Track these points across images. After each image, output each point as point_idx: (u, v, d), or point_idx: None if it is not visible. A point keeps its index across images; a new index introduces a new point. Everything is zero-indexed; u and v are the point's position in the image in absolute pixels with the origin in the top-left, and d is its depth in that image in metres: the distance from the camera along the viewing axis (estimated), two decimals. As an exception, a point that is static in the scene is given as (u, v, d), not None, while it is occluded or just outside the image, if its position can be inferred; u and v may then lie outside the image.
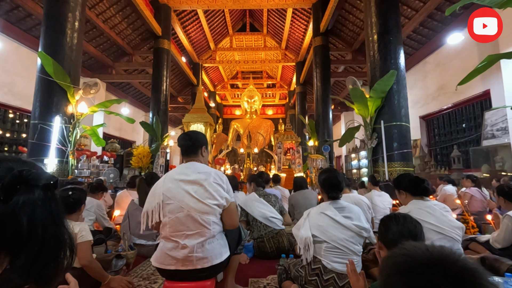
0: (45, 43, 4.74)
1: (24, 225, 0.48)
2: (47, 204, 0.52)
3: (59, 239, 0.53)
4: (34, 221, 0.49)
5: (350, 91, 5.33)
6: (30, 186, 0.50)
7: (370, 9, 5.22)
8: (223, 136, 14.17)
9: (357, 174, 10.43)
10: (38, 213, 0.50)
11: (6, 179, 0.49)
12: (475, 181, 4.20)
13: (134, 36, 9.98)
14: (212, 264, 1.51)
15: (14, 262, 0.49)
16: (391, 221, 1.21)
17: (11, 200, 0.48)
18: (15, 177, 0.49)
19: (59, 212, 0.55)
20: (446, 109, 7.82)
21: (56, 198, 0.55)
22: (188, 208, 1.51)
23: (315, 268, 1.72)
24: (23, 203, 0.49)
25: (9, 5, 6.54)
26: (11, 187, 0.49)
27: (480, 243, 2.49)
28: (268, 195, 3.07)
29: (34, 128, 4.59)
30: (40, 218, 0.50)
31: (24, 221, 0.48)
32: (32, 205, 0.50)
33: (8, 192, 0.48)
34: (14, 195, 0.49)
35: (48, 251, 0.51)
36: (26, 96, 6.86)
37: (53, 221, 0.53)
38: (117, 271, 2.19)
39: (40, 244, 0.50)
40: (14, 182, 0.49)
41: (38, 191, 0.51)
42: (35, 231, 0.49)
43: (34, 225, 0.49)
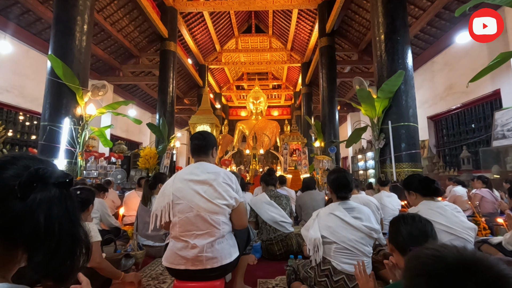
0: (54, 46, 4.82)
1: (41, 223, 0.49)
2: (63, 202, 0.53)
3: (75, 237, 0.54)
4: (51, 218, 0.50)
5: (357, 92, 5.29)
6: (47, 184, 0.51)
7: (377, 8, 5.18)
8: (229, 138, 14.21)
9: (364, 175, 10.35)
10: (54, 211, 0.51)
11: (23, 177, 0.49)
12: (486, 182, 4.12)
13: (141, 39, 10.08)
14: (221, 264, 1.51)
15: (32, 259, 0.50)
16: (399, 223, 1.18)
17: (28, 198, 0.49)
18: (32, 175, 0.50)
19: (75, 209, 0.55)
20: (455, 109, 7.70)
21: (71, 196, 0.55)
22: (197, 208, 1.52)
23: (325, 269, 1.71)
24: (40, 201, 0.49)
25: (20, 10, 6.67)
26: (28, 185, 0.49)
27: (492, 245, 2.43)
28: (279, 196, 2.96)
29: (43, 129, 4.66)
30: (56, 216, 0.51)
31: (41, 219, 0.49)
32: (49, 203, 0.50)
33: (25, 190, 0.49)
34: (31, 193, 0.49)
35: (64, 248, 0.51)
36: (36, 98, 6.98)
37: (69, 219, 0.53)
38: (126, 271, 2.20)
39: (57, 241, 0.50)
40: (31, 180, 0.50)
41: (54, 189, 0.52)
42: (52, 229, 0.50)
43: (51, 222, 0.50)
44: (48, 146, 4.61)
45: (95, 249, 1.79)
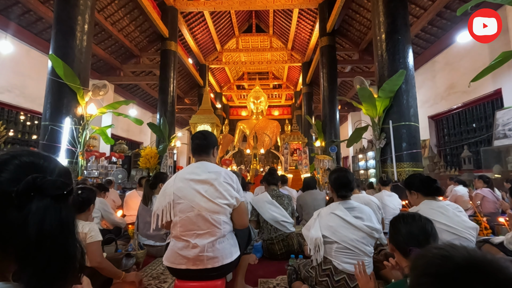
0: (55, 46, 4.83)
1: (33, 236, 0.46)
2: (58, 214, 0.49)
3: (68, 254, 0.51)
4: (43, 232, 0.47)
5: (358, 91, 5.28)
6: (43, 195, 0.48)
7: (378, 8, 5.17)
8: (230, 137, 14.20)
9: (365, 175, 10.32)
10: (47, 224, 0.48)
11: (19, 186, 0.47)
12: (487, 182, 4.12)
13: (142, 38, 10.09)
14: (222, 264, 1.51)
15: (21, 275, 0.47)
16: (399, 222, 1.18)
17: (24, 208, 0.46)
18: (29, 184, 0.47)
19: (70, 223, 0.52)
20: (456, 108, 7.69)
21: (69, 206, 0.52)
22: (198, 208, 1.51)
23: (326, 268, 1.71)
24: (35, 212, 0.47)
25: (21, 10, 6.67)
26: (25, 194, 0.47)
27: (494, 244, 2.42)
28: (281, 196, 2.96)
29: (44, 129, 4.67)
30: (49, 230, 0.48)
31: (33, 231, 0.46)
32: (43, 215, 0.47)
33: (22, 199, 0.47)
34: (27, 203, 0.47)
35: (55, 267, 0.48)
36: (37, 98, 6.99)
37: (64, 234, 0.50)
38: (127, 270, 2.20)
39: (48, 258, 0.47)
40: (28, 189, 0.47)
41: (51, 201, 0.49)
42: (44, 244, 0.47)
43: (43, 236, 0.47)
44: (49, 146, 4.62)
45: (95, 248, 1.78)
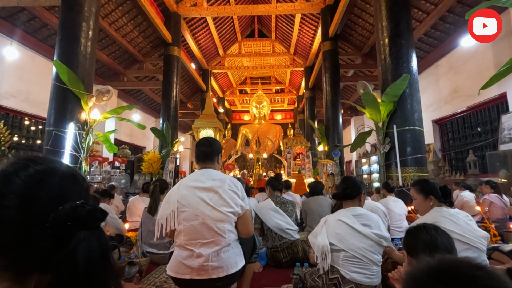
0: (60, 52, 4.86)
1: (81, 266, 0.44)
2: (97, 242, 0.47)
3: (107, 282, 0.48)
4: (89, 262, 0.45)
5: (362, 96, 5.26)
6: (81, 225, 0.46)
7: (381, 12, 5.16)
8: (232, 142, 14.20)
9: (368, 180, 10.26)
10: (92, 253, 0.46)
11: (58, 216, 0.44)
12: (495, 187, 4.05)
13: (145, 44, 10.17)
14: (227, 274, 1.48)
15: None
16: (421, 232, 1.13)
17: (59, 237, 0.44)
18: (68, 215, 0.45)
19: (108, 249, 0.49)
20: (460, 112, 7.63)
21: (103, 233, 0.50)
22: (203, 216, 1.49)
23: (333, 278, 1.66)
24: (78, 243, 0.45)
25: (27, 16, 6.76)
26: (62, 224, 0.45)
27: (504, 252, 2.38)
28: (285, 202, 2.90)
29: (49, 134, 4.68)
30: (94, 259, 0.46)
31: (81, 262, 0.44)
32: (87, 246, 0.45)
33: (57, 228, 0.44)
34: (64, 232, 0.45)
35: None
36: (42, 103, 7.04)
37: (104, 262, 0.48)
38: (130, 278, 2.18)
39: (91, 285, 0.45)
40: (66, 220, 0.45)
41: (89, 231, 0.47)
42: (89, 273, 0.45)
43: (89, 266, 0.45)
44: (53, 151, 4.62)
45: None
